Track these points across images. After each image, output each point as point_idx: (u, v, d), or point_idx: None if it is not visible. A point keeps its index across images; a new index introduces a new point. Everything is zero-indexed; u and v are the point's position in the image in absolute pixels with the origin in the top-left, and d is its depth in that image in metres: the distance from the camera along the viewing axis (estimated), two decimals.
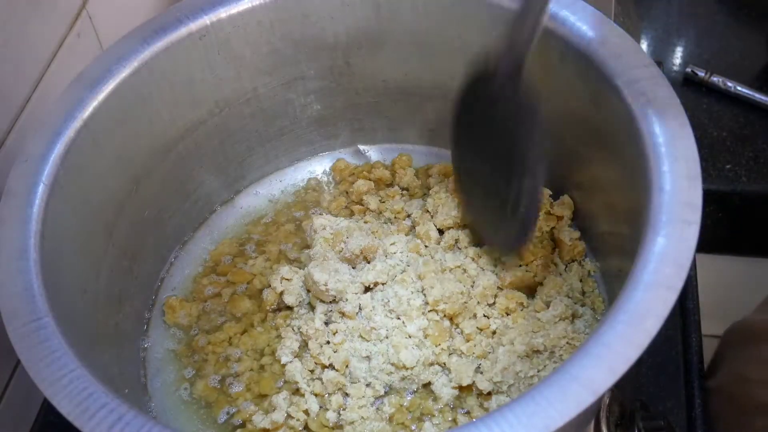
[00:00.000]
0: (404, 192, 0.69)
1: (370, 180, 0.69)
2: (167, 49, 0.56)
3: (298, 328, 0.60)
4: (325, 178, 0.73)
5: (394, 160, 0.71)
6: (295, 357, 0.59)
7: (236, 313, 0.63)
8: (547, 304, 0.58)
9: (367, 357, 0.57)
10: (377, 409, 0.56)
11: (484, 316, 0.58)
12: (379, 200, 0.68)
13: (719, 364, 0.69)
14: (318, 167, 0.73)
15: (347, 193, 0.70)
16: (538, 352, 0.55)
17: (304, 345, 0.59)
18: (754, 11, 0.89)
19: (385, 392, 0.57)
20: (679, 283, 0.40)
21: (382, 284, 0.60)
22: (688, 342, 0.64)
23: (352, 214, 0.68)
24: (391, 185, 0.70)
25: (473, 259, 0.61)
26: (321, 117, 0.70)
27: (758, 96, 0.79)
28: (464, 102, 0.52)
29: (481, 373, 0.56)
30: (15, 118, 0.59)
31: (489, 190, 0.56)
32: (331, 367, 0.58)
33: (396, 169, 0.70)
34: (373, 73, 0.66)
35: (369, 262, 0.62)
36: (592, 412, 0.55)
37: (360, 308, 0.59)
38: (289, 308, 0.62)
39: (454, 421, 0.55)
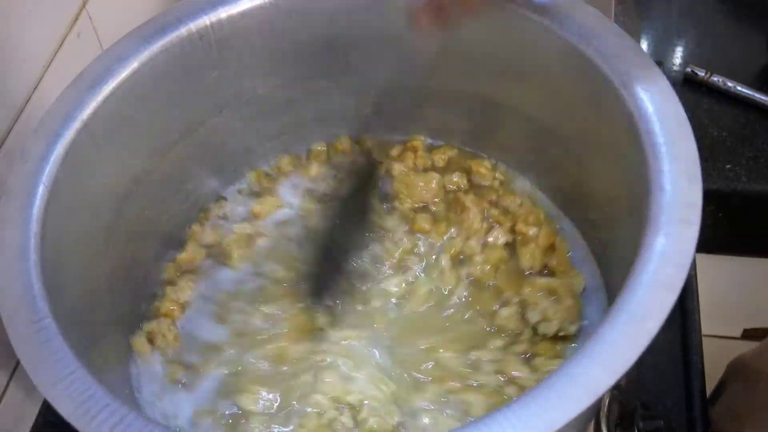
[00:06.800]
0: None
1: None
2: (167, 49, 0.56)
3: None
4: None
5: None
6: None
7: None
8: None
9: None
10: None
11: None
12: None
13: (720, 395, 0.68)
14: None
15: None
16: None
17: None
18: (754, 11, 0.89)
19: None
20: (679, 284, 0.40)
21: None
22: (688, 342, 0.64)
23: None
24: None
25: None
26: (321, 117, 0.70)
27: (758, 96, 0.79)
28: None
29: None
30: (15, 118, 0.59)
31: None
32: None
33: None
34: (373, 72, 0.66)
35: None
36: (592, 412, 0.55)
37: None
38: None
39: None
